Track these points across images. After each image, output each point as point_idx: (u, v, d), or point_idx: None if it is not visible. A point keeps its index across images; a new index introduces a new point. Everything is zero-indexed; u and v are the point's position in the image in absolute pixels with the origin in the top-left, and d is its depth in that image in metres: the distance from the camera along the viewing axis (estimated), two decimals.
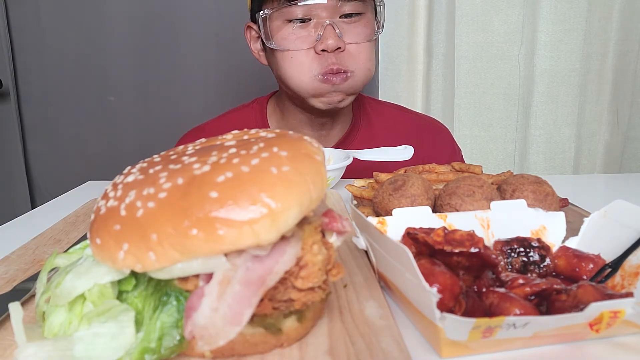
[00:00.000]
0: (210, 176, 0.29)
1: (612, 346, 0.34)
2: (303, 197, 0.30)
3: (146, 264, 0.29)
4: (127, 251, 0.29)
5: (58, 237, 0.58)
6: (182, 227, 0.28)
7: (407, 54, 1.62)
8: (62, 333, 0.31)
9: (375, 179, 0.73)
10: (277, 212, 0.28)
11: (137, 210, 0.29)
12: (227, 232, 0.28)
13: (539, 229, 0.47)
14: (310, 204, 0.30)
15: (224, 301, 0.29)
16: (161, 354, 0.30)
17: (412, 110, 1.18)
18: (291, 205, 0.29)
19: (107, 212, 0.31)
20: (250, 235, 0.28)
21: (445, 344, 0.32)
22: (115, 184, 0.33)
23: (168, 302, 0.31)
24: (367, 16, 0.94)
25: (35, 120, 1.75)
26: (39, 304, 0.33)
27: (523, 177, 0.57)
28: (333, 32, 0.88)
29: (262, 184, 0.29)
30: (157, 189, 0.30)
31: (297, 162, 0.31)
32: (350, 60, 0.91)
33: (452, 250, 0.39)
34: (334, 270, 0.35)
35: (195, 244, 0.28)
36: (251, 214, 0.28)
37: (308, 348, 0.33)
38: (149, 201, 0.29)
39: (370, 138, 1.07)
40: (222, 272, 0.30)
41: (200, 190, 0.29)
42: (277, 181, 0.29)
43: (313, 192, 0.30)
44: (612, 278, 0.40)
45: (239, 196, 0.28)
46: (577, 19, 1.48)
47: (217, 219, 0.28)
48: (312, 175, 0.31)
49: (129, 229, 0.29)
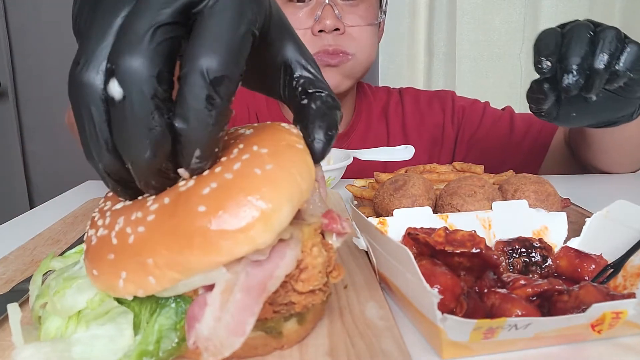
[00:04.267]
0: (195, 190, 0.29)
1: (614, 347, 0.34)
2: (292, 192, 0.29)
3: (147, 288, 0.29)
4: (126, 279, 0.29)
5: (56, 238, 0.58)
6: (176, 247, 0.28)
7: (408, 52, 1.62)
8: (59, 337, 0.31)
9: (376, 179, 0.73)
10: (268, 213, 0.28)
11: (129, 237, 0.29)
12: (223, 243, 0.27)
13: (540, 230, 0.47)
14: (301, 196, 0.30)
15: (227, 311, 0.28)
16: (159, 356, 0.29)
17: (412, 88, 1.17)
18: (282, 203, 0.28)
19: (98, 242, 0.31)
20: (246, 242, 0.27)
21: (446, 345, 0.32)
22: (102, 211, 0.33)
23: (166, 305, 0.30)
24: None
25: (34, 121, 1.75)
26: (35, 309, 0.33)
27: (525, 177, 0.56)
28: (331, 12, 0.86)
29: (248, 188, 0.28)
30: (145, 212, 0.29)
31: (279, 157, 0.30)
32: (350, 42, 0.89)
33: (453, 251, 0.39)
34: (334, 272, 0.34)
35: (193, 261, 0.28)
36: (243, 221, 0.27)
37: (308, 350, 0.33)
38: (138, 226, 0.29)
39: (373, 126, 1.06)
40: (225, 281, 0.29)
41: (187, 207, 0.28)
42: (262, 182, 0.28)
43: (302, 184, 0.30)
44: (614, 279, 0.40)
45: (227, 205, 0.27)
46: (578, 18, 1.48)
47: (210, 232, 0.27)
48: (297, 167, 0.30)
49: (123, 257, 0.29)
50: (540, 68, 0.58)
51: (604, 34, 0.57)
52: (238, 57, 0.27)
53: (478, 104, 1.09)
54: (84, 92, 0.26)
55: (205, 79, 0.26)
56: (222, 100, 0.27)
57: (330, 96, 0.34)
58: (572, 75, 0.56)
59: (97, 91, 0.26)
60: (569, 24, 0.60)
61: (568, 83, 0.56)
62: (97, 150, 0.27)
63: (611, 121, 0.68)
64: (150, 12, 0.26)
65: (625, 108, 0.65)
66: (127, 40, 0.26)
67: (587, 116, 0.65)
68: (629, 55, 0.57)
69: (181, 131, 0.27)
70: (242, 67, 0.28)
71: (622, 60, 0.57)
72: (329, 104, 0.33)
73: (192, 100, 0.26)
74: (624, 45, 0.57)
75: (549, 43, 0.58)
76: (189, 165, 0.28)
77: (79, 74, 0.26)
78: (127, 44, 0.25)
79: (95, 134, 0.27)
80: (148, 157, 0.27)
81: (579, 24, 0.59)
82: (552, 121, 0.65)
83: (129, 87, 0.25)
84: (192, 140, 0.27)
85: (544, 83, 0.60)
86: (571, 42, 0.57)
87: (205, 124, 0.27)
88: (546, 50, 0.58)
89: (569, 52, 0.56)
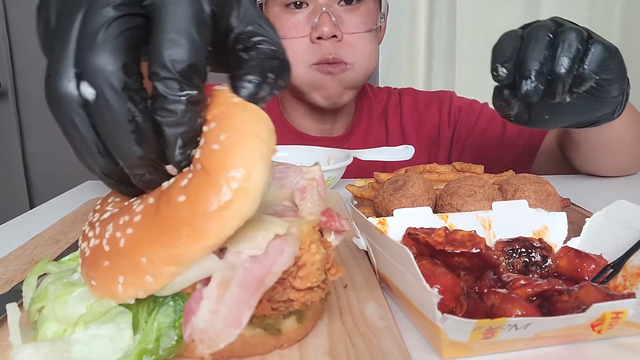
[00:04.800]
0: (175, 184, 0.29)
1: (614, 347, 0.34)
2: (256, 147, 0.28)
3: (147, 288, 0.29)
4: (124, 283, 0.29)
5: (56, 238, 0.58)
6: (166, 240, 0.28)
7: (408, 53, 1.62)
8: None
9: (376, 179, 0.73)
10: (245, 179, 0.27)
11: (119, 241, 0.29)
12: (210, 225, 0.27)
13: (540, 230, 0.47)
14: (268, 149, 0.29)
15: (223, 304, 0.29)
16: (159, 355, 0.30)
17: (412, 89, 1.17)
18: (252, 164, 0.28)
19: (92, 253, 0.31)
20: (233, 217, 0.27)
21: (446, 344, 0.32)
22: (91, 223, 0.33)
23: (164, 303, 0.30)
24: (367, 4, 0.91)
25: (33, 121, 1.75)
26: (30, 312, 0.33)
27: (524, 177, 0.56)
28: (328, 20, 0.86)
29: (216, 167, 0.28)
30: (132, 215, 0.30)
31: (225, 122, 0.29)
32: (348, 51, 0.89)
33: (453, 251, 0.39)
34: (332, 270, 0.34)
35: (186, 251, 0.28)
36: (222, 197, 0.27)
37: (308, 349, 0.33)
38: (127, 229, 0.29)
39: (373, 127, 1.06)
40: (221, 275, 0.29)
41: (169, 201, 0.29)
42: (225, 154, 0.28)
43: (260, 134, 0.29)
44: (614, 279, 0.40)
45: (204, 189, 0.28)
46: (578, 19, 1.48)
47: (195, 218, 0.27)
48: (246, 121, 0.29)
49: (118, 261, 0.29)
50: (495, 76, 0.56)
51: (564, 36, 0.53)
52: (200, 42, 0.27)
53: (476, 104, 1.09)
54: (61, 103, 0.27)
55: (172, 72, 0.26)
56: (193, 88, 0.27)
57: (271, 46, 0.32)
58: (531, 82, 0.53)
59: (73, 99, 0.27)
60: (531, 24, 0.57)
61: (527, 90, 0.53)
62: (90, 155, 0.28)
63: (591, 121, 0.65)
64: (101, 9, 0.26)
65: (601, 108, 0.62)
66: (86, 40, 0.26)
67: (562, 118, 0.63)
68: (594, 56, 0.53)
69: (161, 125, 0.27)
70: (205, 50, 0.28)
71: (586, 62, 0.53)
72: (265, 53, 0.32)
73: (165, 94, 0.27)
74: (587, 47, 0.53)
75: (506, 48, 0.55)
76: (174, 156, 0.29)
77: (52, 87, 0.27)
78: (87, 44, 0.26)
79: (84, 140, 0.28)
80: (135, 150, 0.27)
81: (538, 26, 0.55)
82: (525, 125, 0.62)
83: (98, 84, 0.26)
84: (172, 133, 0.28)
85: (504, 90, 0.57)
86: (529, 46, 0.53)
87: (181, 114, 0.27)
88: (502, 56, 0.55)
89: (526, 57, 0.53)
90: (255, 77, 0.31)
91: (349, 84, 0.92)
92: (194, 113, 0.28)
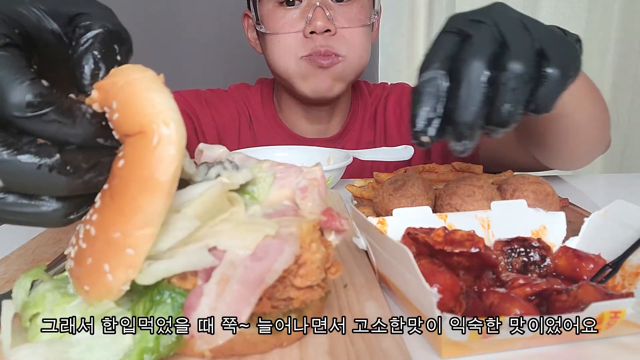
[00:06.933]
0: (115, 165, 0.30)
1: (612, 346, 0.34)
2: (149, 84, 0.29)
3: (131, 263, 0.29)
4: (111, 270, 0.29)
5: (58, 237, 0.58)
6: (126, 206, 0.28)
7: (407, 52, 1.62)
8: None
9: (376, 178, 0.73)
10: (159, 117, 0.28)
11: (90, 232, 0.30)
12: (159, 175, 0.28)
13: (539, 229, 0.47)
14: (153, 77, 0.29)
15: (223, 300, 0.29)
16: (160, 352, 0.30)
17: (402, 83, 1.14)
18: (155, 100, 0.28)
19: (75, 260, 0.31)
20: (172, 158, 0.28)
21: (445, 344, 0.32)
22: (72, 244, 0.33)
23: (162, 302, 0.30)
24: (361, 0, 0.91)
25: None
26: (23, 318, 0.32)
27: (523, 177, 0.57)
28: (322, 14, 0.86)
29: (129, 123, 0.29)
30: (93, 207, 0.31)
31: (118, 95, 0.30)
32: (341, 43, 0.89)
33: (452, 251, 0.39)
34: (332, 268, 0.35)
35: (150, 208, 0.28)
36: (155, 151, 0.28)
37: (308, 348, 0.33)
38: (92, 216, 0.30)
39: (366, 126, 1.05)
40: (221, 272, 0.29)
41: (114, 174, 0.30)
42: (127, 109, 0.29)
43: (145, 74, 0.29)
44: (613, 278, 0.40)
45: (135, 151, 0.28)
46: (577, 19, 1.49)
47: (143, 176, 0.28)
48: (130, 71, 0.30)
49: (96, 250, 0.29)
50: (417, 143, 0.42)
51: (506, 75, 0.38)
52: (17, 86, 0.28)
53: None
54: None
55: (23, 114, 0.27)
56: (48, 113, 0.28)
57: (108, 30, 0.33)
58: (462, 145, 0.41)
59: None
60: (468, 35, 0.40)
61: (458, 150, 0.42)
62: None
63: None
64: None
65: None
66: None
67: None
68: (547, 89, 0.39)
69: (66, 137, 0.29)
70: (29, 73, 0.28)
71: (537, 99, 0.40)
72: (98, 37, 0.33)
73: (37, 129, 0.28)
74: (538, 75, 0.39)
75: (430, 92, 0.40)
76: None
77: None
78: None
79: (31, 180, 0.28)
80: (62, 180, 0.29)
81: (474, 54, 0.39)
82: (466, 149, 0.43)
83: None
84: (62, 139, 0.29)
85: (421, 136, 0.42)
86: (460, 95, 0.39)
87: (72, 126, 0.29)
88: (426, 105, 0.40)
89: (457, 112, 0.39)
90: (87, 67, 0.32)
91: (339, 75, 0.91)
92: (65, 128, 0.29)
